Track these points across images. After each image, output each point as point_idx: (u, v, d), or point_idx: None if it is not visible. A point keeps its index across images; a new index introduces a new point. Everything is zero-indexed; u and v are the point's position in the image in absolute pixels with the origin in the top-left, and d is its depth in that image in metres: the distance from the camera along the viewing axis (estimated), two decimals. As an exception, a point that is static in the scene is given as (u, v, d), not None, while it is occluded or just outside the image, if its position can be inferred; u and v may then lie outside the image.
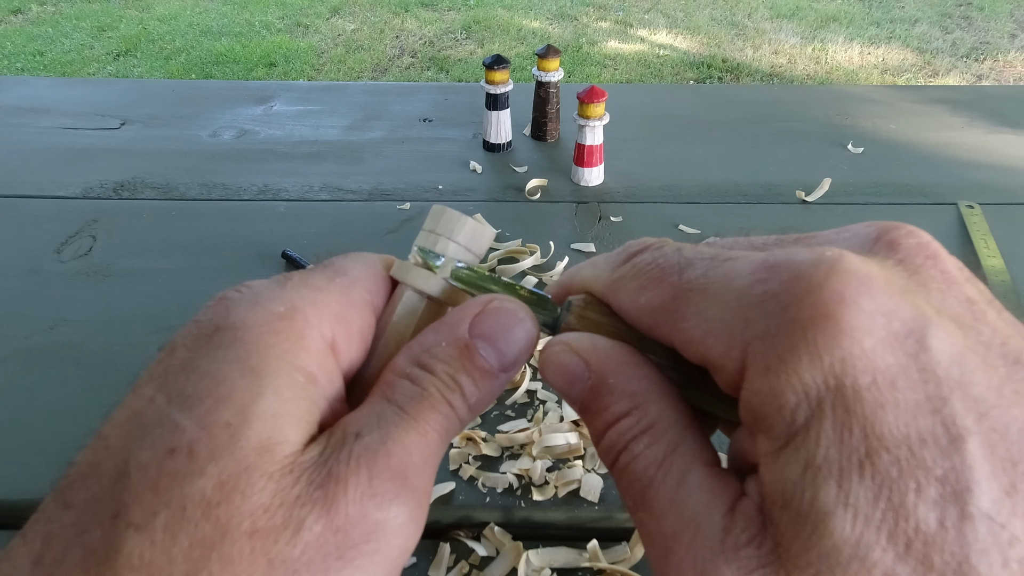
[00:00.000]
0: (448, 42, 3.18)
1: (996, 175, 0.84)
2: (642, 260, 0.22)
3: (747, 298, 0.18)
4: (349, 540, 0.19)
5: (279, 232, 0.74)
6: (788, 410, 0.17)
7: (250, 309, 0.21)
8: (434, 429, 0.21)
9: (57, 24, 3.29)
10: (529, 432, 0.53)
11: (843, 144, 0.90)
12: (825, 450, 0.17)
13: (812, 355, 0.17)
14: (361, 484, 0.19)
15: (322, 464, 0.20)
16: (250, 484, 0.19)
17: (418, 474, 0.21)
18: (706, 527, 0.18)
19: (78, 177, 0.83)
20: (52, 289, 0.67)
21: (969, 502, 0.16)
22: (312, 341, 0.21)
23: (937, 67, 2.99)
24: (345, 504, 0.19)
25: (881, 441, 0.16)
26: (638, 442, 0.20)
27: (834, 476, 0.16)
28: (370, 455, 0.20)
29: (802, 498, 0.17)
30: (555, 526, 0.48)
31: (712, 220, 0.76)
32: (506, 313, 0.23)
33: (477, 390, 0.22)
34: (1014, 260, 0.70)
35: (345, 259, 0.25)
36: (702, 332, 0.19)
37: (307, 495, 0.19)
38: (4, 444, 0.53)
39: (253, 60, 2.98)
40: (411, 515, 0.20)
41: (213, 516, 0.18)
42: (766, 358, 0.18)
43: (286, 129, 0.94)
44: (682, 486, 0.19)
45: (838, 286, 0.17)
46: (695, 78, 2.90)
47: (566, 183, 0.83)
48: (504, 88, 0.85)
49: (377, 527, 0.19)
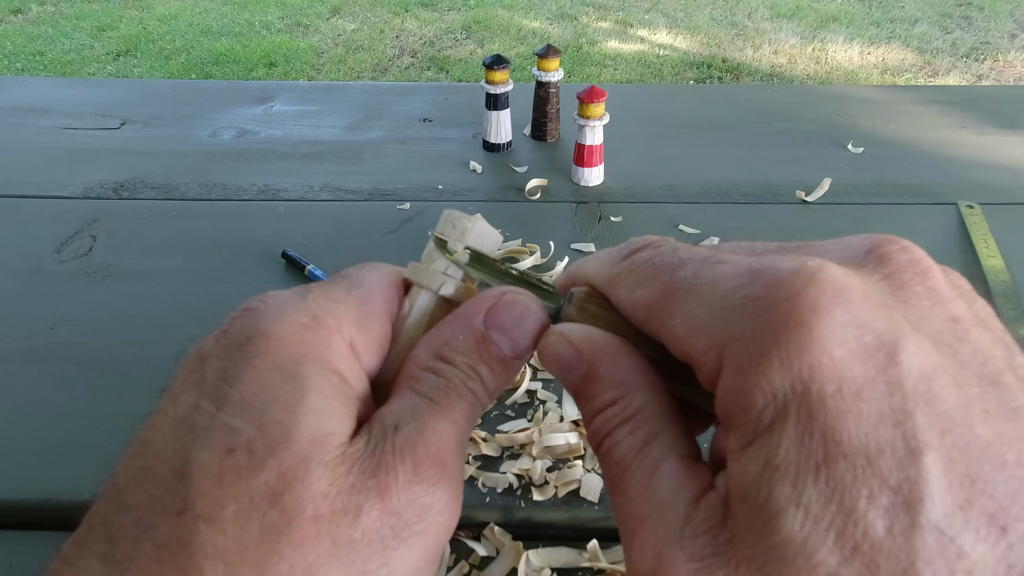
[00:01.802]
0: (448, 42, 3.17)
1: (996, 175, 0.84)
2: (640, 258, 0.23)
3: (729, 300, 0.19)
4: (402, 522, 0.21)
5: (279, 232, 0.74)
6: (756, 410, 0.18)
7: (277, 319, 0.23)
8: (462, 416, 0.23)
9: (57, 24, 3.29)
10: (529, 432, 0.53)
11: (843, 144, 0.90)
12: (785, 451, 0.17)
13: (782, 360, 0.18)
14: (408, 472, 0.21)
15: (370, 455, 0.21)
16: (309, 473, 0.20)
17: (453, 458, 0.22)
18: (669, 513, 0.20)
19: (78, 177, 0.83)
20: (52, 289, 0.67)
21: (920, 513, 0.16)
22: (338, 347, 0.23)
23: (937, 67, 2.99)
24: (396, 491, 0.21)
25: (839, 448, 0.17)
26: (620, 429, 0.22)
27: (790, 476, 0.17)
28: (411, 445, 0.22)
29: (758, 494, 0.17)
30: (555, 526, 0.48)
31: (712, 220, 0.76)
32: (519, 305, 0.25)
33: (495, 377, 0.24)
34: (1014, 260, 0.70)
35: (361, 270, 0.26)
36: (686, 330, 0.20)
37: (361, 483, 0.20)
38: (4, 444, 0.53)
39: (253, 60, 2.98)
40: (452, 496, 0.22)
41: (279, 504, 0.19)
42: (739, 358, 0.19)
43: (286, 129, 0.94)
44: (654, 474, 0.21)
45: (814, 294, 0.18)
46: (695, 78, 2.90)
47: (566, 183, 0.83)
48: (504, 88, 0.85)
49: (425, 509, 0.21)
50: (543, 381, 0.58)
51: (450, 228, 0.26)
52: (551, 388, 0.57)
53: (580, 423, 0.54)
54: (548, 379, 0.58)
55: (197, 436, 0.20)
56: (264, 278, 0.69)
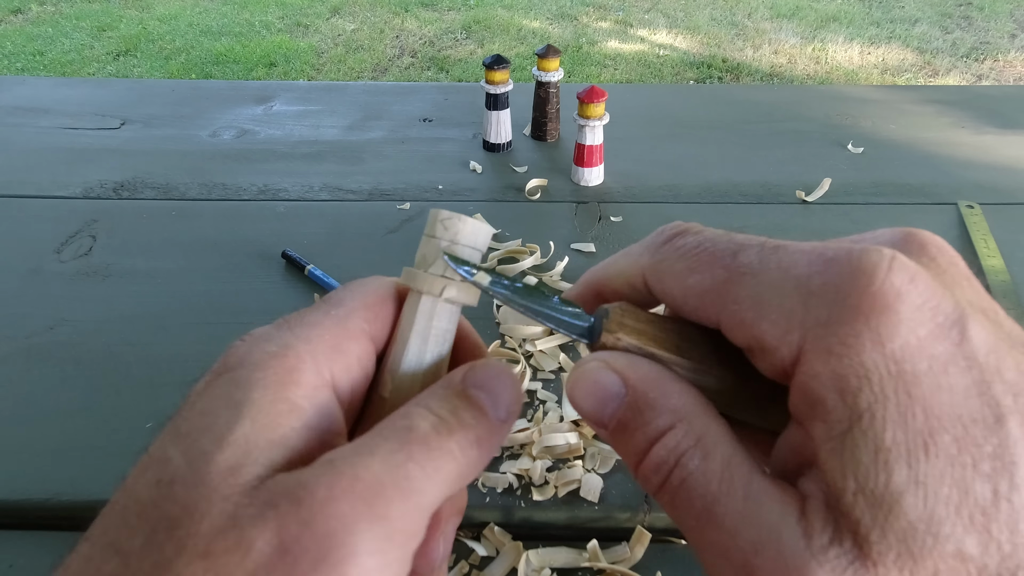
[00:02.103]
0: (448, 42, 3.17)
1: (996, 175, 0.84)
2: (687, 243, 0.22)
3: (806, 287, 0.19)
4: (298, 562, 0.18)
5: (279, 232, 0.74)
6: (850, 393, 0.18)
7: (248, 351, 0.22)
8: (416, 462, 0.21)
9: (57, 24, 3.29)
10: (529, 432, 0.53)
11: (843, 144, 0.90)
12: (892, 432, 0.17)
13: (875, 342, 0.18)
14: (315, 505, 0.19)
15: (283, 488, 0.19)
16: (210, 506, 0.19)
17: (388, 503, 0.19)
18: (787, 536, 0.18)
19: (78, 177, 0.83)
20: (52, 289, 0.67)
21: (1015, 474, 0.17)
22: (303, 375, 0.22)
23: (937, 67, 2.99)
24: (297, 524, 0.19)
25: (940, 422, 0.17)
26: (690, 457, 0.20)
27: (903, 456, 0.17)
28: (333, 476, 0.19)
29: (876, 481, 0.17)
30: (555, 526, 0.48)
31: (712, 220, 0.76)
32: (492, 365, 0.24)
33: (477, 428, 0.22)
34: (1014, 260, 0.70)
35: (343, 289, 0.25)
36: (756, 315, 0.20)
37: (261, 516, 0.19)
38: (4, 444, 0.53)
39: (253, 60, 2.98)
40: (376, 543, 0.19)
41: (175, 538, 0.19)
42: (828, 343, 0.19)
43: (286, 129, 0.94)
44: (749, 499, 0.19)
45: (895, 280, 0.18)
46: (695, 78, 2.90)
47: (566, 183, 0.83)
48: (504, 88, 0.85)
49: (330, 550, 0.18)
50: (543, 381, 0.58)
51: (441, 230, 0.25)
52: (551, 388, 0.57)
53: (581, 423, 0.54)
54: (548, 379, 0.58)
55: (145, 469, 0.21)
56: (264, 278, 0.69)
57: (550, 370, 0.58)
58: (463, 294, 0.25)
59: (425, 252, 0.25)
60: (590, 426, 0.23)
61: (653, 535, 0.47)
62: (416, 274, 0.25)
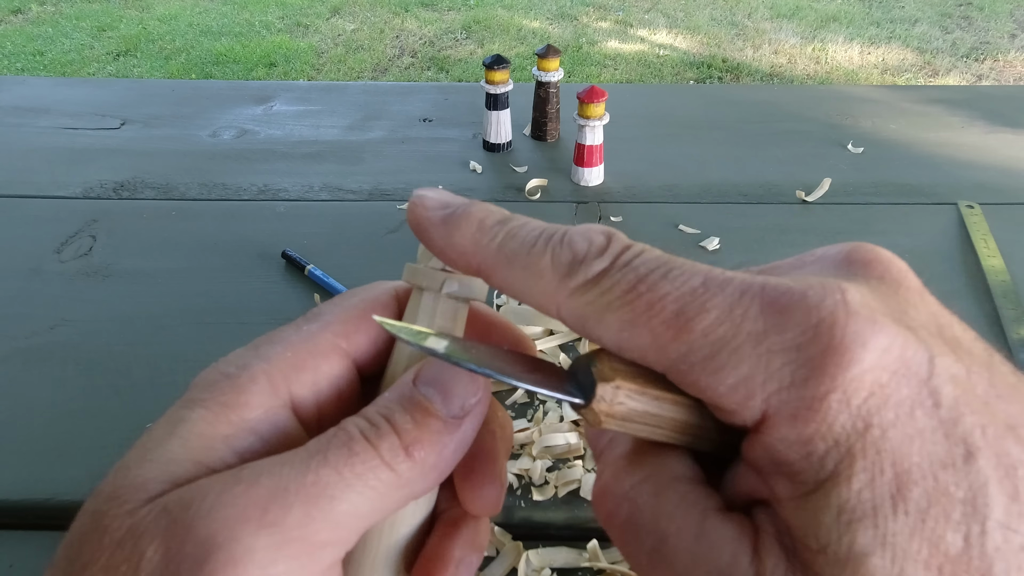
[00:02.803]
0: (448, 42, 3.17)
1: (996, 175, 0.84)
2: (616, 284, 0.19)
3: (763, 345, 0.18)
4: (179, 570, 0.18)
5: (279, 232, 0.74)
6: (817, 457, 0.17)
7: (208, 373, 0.22)
8: (332, 468, 0.19)
9: (57, 24, 3.29)
10: (529, 432, 0.53)
11: (843, 144, 0.90)
12: (858, 493, 0.17)
13: (841, 401, 0.17)
14: (201, 510, 0.18)
15: (183, 495, 0.19)
16: (113, 520, 0.19)
17: (285, 509, 0.18)
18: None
19: (78, 177, 0.83)
20: (52, 289, 0.67)
21: (988, 516, 0.16)
22: (252, 396, 0.21)
23: (937, 67, 2.99)
24: (185, 531, 0.18)
25: (909, 475, 0.17)
26: (639, 492, 0.20)
27: (870, 517, 0.16)
28: (229, 483, 0.19)
29: (839, 543, 0.17)
30: (555, 526, 0.48)
31: (712, 220, 0.76)
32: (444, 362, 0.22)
33: (418, 432, 0.20)
34: (1014, 260, 0.70)
35: (331, 301, 0.25)
36: (710, 380, 0.18)
37: (155, 524, 0.18)
38: (4, 444, 0.53)
39: (253, 60, 2.98)
40: (264, 551, 0.18)
41: (84, 554, 0.19)
42: (793, 408, 0.17)
43: (286, 129, 0.94)
44: (702, 538, 0.19)
45: (855, 327, 0.17)
46: (695, 78, 2.90)
47: (566, 183, 0.83)
48: (504, 88, 0.85)
49: (209, 555, 0.18)
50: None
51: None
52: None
53: (580, 423, 0.54)
54: (548, 379, 0.58)
55: None
56: (264, 278, 0.69)
57: (550, 370, 0.58)
58: (467, 288, 0.24)
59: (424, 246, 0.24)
60: None
61: (653, 535, 0.47)
62: (415, 270, 0.24)
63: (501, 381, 0.20)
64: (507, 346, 0.25)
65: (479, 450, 0.23)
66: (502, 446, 0.24)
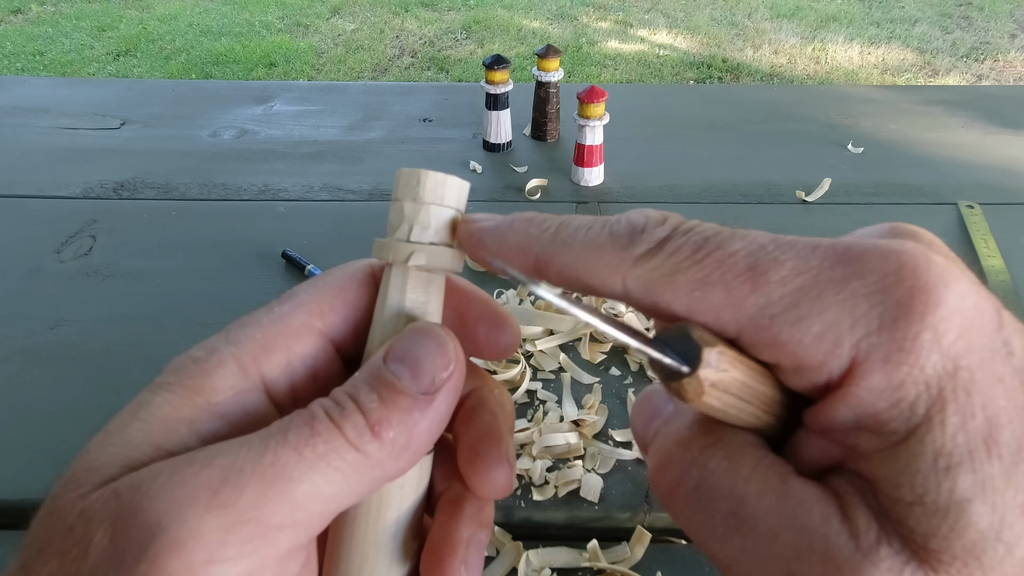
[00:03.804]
0: (448, 42, 3.17)
1: (996, 175, 0.84)
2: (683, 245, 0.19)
3: (846, 290, 0.17)
4: (125, 553, 0.17)
5: (279, 232, 0.74)
6: (907, 403, 0.17)
7: (177, 359, 0.22)
8: (293, 449, 0.19)
9: (57, 24, 3.29)
10: (529, 432, 0.53)
11: (843, 144, 0.90)
12: (953, 437, 0.16)
13: (932, 340, 0.16)
14: (148, 492, 0.18)
15: (134, 478, 0.19)
16: (66, 504, 0.19)
17: (238, 491, 0.18)
18: (833, 538, 0.17)
19: (78, 177, 0.83)
20: (52, 289, 0.67)
21: None
22: (220, 379, 0.21)
23: (937, 67, 2.99)
24: (131, 513, 0.18)
25: (998, 419, 0.16)
26: (709, 456, 0.19)
27: (967, 461, 0.16)
28: (181, 465, 0.18)
29: (938, 490, 0.16)
30: (555, 526, 0.48)
31: (712, 220, 0.75)
32: (417, 329, 0.21)
33: (384, 410, 0.20)
34: (1014, 260, 0.70)
35: (305, 282, 0.24)
36: (793, 332, 0.17)
37: (104, 509, 0.18)
38: (4, 444, 0.53)
39: (253, 60, 2.98)
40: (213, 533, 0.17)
41: (39, 540, 0.19)
42: (885, 351, 0.17)
43: (286, 129, 0.94)
44: (786, 499, 0.18)
45: (936, 272, 0.17)
46: (695, 78, 2.90)
47: (566, 183, 0.83)
48: (504, 88, 0.85)
49: (153, 538, 0.17)
50: (543, 381, 0.58)
51: (422, 191, 0.23)
52: (551, 388, 0.57)
53: (580, 423, 0.54)
54: (548, 379, 0.58)
55: None
56: (264, 278, 0.69)
57: (550, 370, 0.58)
58: (436, 258, 0.22)
59: (391, 217, 0.23)
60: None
61: (653, 535, 0.47)
62: (383, 244, 0.23)
63: (611, 335, 0.18)
64: (485, 321, 0.24)
65: (481, 432, 0.23)
66: (504, 425, 0.23)
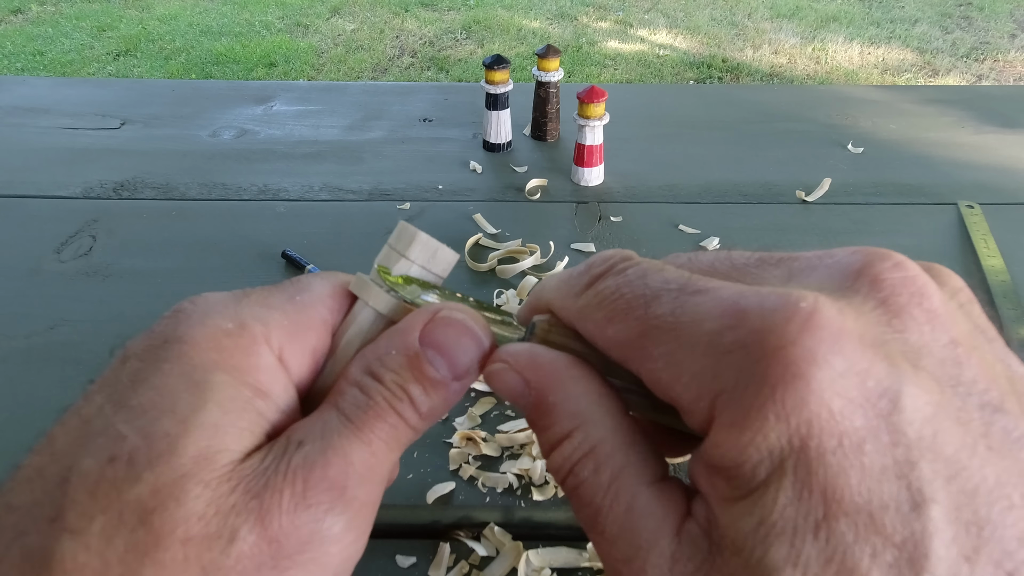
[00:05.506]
0: (448, 42, 3.17)
1: (996, 175, 0.84)
2: (606, 288, 0.21)
3: (717, 346, 0.18)
4: (283, 551, 0.19)
5: (279, 232, 0.74)
6: (749, 465, 0.17)
7: (199, 324, 0.22)
8: (380, 438, 0.21)
9: (57, 24, 3.29)
10: (529, 432, 0.53)
11: (843, 144, 0.90)
12: (781, 509, 0.16)
13: (779, 415, 0.17)
14: (296, 495, 0.20)
15: (261, 473, 0.20)
16: (185, 492, 0.19)
17: (359, 484, 0.21)
18: (654, 555, 0.18)
19: (78, 177, 0.83)
20: (52, 289, 0.67)
21: (925, 568, 0.16)
22: (260, 357, 0.22)
23: (937, 67, 2.99)
24: (279, 514, 0.19)
25: (840, 505, 0.16)
26: (583, 466, 0.20)
27: (787, 535, 0.16)
28: (308, 465, 0.20)
29: (752, 552, 0.17)
30: (555, 526, 0.48)
31: (712, 220, 0.76)
32: (455, 323, 0.23)
33: (428, 399, 0.22)
34: (1014, 260, 0.70)
35: (312, 276, 0.25)
36: (670, 376, 0.19)
37: (243, 504, 0.19)
38: (4, 444, 0.53)
39: (253, 60, 2.98)
40: (349, 525, 0.20)
41: (148, 522, 0.18)
42: (732, 413, 0.17)
43: (286, 129, 0.94)
44: (630, 512, 0.19)
45: (810, 343, 0.17)
46: (695, 78, 2.90)
47: (566, 183, 0.83)
48: (504, 88, 0.85)
49: (312, 538, 0.19)
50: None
51: (398, 241, 0.25)
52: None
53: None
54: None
55: (88, 440, 0.20)
56: (264, 278, 0.69)
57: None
58: (399, 309, 0.24)
59: (382, 258, 0.25)
60: None
61: (653, 535, 0.47)
62: (362, 282, 0.25)
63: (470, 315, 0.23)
64: None
65: None
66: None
